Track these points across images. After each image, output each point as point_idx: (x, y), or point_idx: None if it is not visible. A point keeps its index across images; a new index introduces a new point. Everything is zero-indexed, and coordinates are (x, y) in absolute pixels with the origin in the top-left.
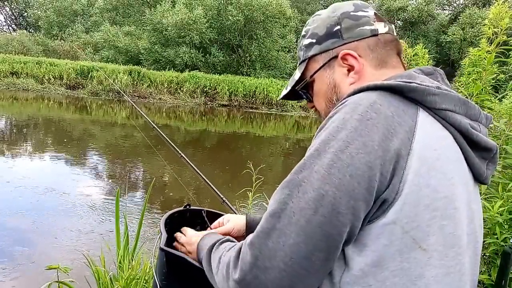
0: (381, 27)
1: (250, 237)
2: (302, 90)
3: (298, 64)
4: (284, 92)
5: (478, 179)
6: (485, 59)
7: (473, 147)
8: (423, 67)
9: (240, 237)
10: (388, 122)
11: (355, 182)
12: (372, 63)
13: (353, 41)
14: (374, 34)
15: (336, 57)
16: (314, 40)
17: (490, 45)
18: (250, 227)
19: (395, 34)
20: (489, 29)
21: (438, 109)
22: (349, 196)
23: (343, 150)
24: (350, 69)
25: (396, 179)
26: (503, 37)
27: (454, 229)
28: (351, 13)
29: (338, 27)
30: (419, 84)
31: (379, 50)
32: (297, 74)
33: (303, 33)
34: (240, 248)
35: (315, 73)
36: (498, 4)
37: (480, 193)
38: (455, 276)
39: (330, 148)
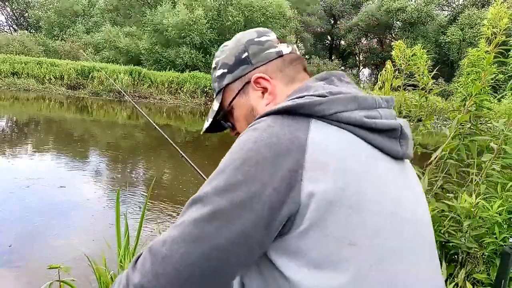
0: (285, 48)
1: (150, 243)
2: (224, 120)
3: (215, 96)
4: (206, 124)
5: (397, 157)
6: (484, 60)
7: (376, 132)
8: (318, 75)
9: None
10: (280, 141)
11: (250, 199)
12: (282, 81)
13: (262, 65)
14: (280, 55)
15: (249, 82)
16: (225, 70)
17: (489, 46)
18: None
19: (298, 52)
20: (488, 29)
21: (329, 115)
22: (242, 209)
23: (238, 168)
24: (264, 91)
25: (295, 193)
26: (502, 37)
27: (375, 218)
28: (256, 39)
29: (246, 54)
30: (306, 99)
31: (287, 68)
32: (215, 105)
33: (213, 65)
34: (141, 255)
35: (232, 100)
36: (497, 5)
37: (479, 193)
38: (388, 260)
39: (227, 166)
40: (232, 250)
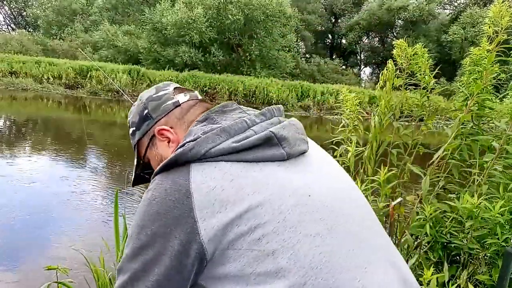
0: (182, 97)
1: None
2: (147, 172)
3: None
4: (131, 178)
5: (285, 159)
6: (486, 58)
7: (252, 150)
8: (199, 118)
9: None
10: (169, 194)
11: (157, 255)
12: (182, 128)
13: (162, 117)
14: (177, 105)
15: (154, 135)
16: (134, 128)
17: (491, 44)
18: None
19: (199, 97)
20: (489, 28)
21: (203, 155)
22: (155, 266)
23: (140, 232)
24: (168, 140)
25: (195, 234)
26: (503, 36)
27: (276, 218)
28: (154, 96)
29: (147, 110)
30: (181, 149)
31: (185, 116)
32: (135, 160)
33: (128, 124)
34: None
35: (145, 154)
36: (498, 3)
37: (481, 194)
38: (304, 246)
39: (133, 233)
40: None
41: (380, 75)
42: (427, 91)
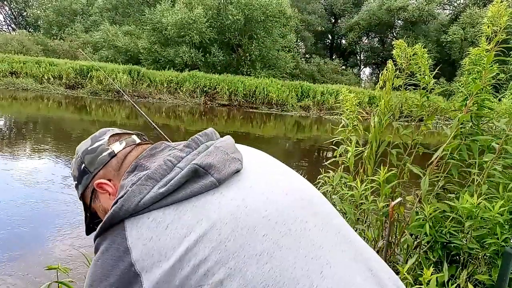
0: (117, 146)
1: None
2: (96, 222)
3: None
4: (84, 229)
5: (219, 184)
6: (485, 58)
7: (182, 188)
8: (129, 168)
9: None
10: (110, 254)
11: None
12: (119, 179)
13: (99, 171)
14: (112, 156)
15: (95, 189)
16: (76, 182)
17: (490, 44)
18: None
19: (136, 141)
20: (488, 28)
21: (133, 210)
22: None
23: None
24: (109, 193)
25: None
26: (502, 36)
27: (216, 249)
28: (89, 149)
29: (83, 165)
30: (112, 210)
31: (122, 166)
32: (83, 212)
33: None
34: None
35: (89, 207)
36: (497, 3)
37: (481, 193)
38: (252, 266)
39: None
40: None
41: (380, 75)
42: (427, 91)
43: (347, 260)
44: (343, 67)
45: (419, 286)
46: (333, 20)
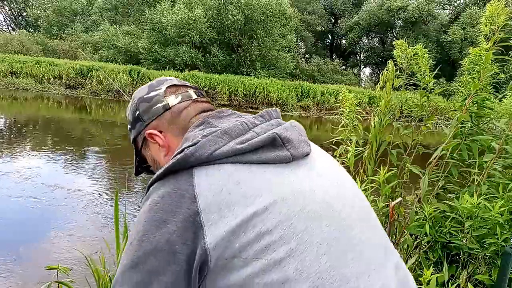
0: (172, 100)
1: None
2: (144, 166)
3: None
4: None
5: (290, 161)
6: (483, 57)
7: (256, 151)
8: (196, 122)
9: None
10: (172, 200)
11: (160, 261)
12: (173, 133)
13: (152, 121)
14: (166, 108)
15: (146, 138)
16: (130, 126)
17: (488, 43)
18: None
19: (193, 97)
20: (485, 27)
21: (206, 158)
22: (160, 275)
23: (142, 240)
24: (159, 144)
25: (201, 240)
26: (500, 35)
27: (282, 225)
28: (145, 96)
29: (138, 112)
30: (181, 154)
31: (176, 120)
32: (134, 154)
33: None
34: None
35: (139, 153)
36: (495, 2)
37: (481, 193)
38: (310, 255)
39: (133, 241)
40: None
41: (380, 75)
42: (427, 91)
43: (389, 269)
44: (343, 67)
45: (419, 286)
46: (333, 20)
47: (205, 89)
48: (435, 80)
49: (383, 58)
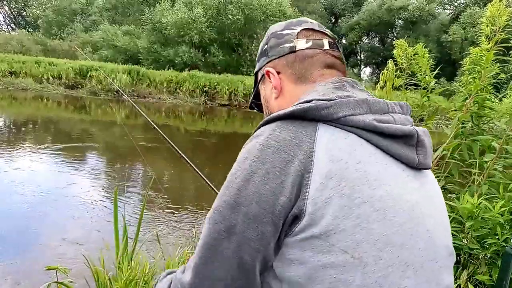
0: (301, 43)
1: (182, 268)
2: (257, 103)
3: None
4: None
5: (413, 165)
6: (484, 57)
7: (390, 138)
8: (331, 79)
9: None
10: (287, 147)
11: (261, 208)
12: (290, 78)
13: (275, 59)
14: (292, 50)
15: (264, 74)
16: (257, 58)
17: (488, 43)
18: None
19: (325, 47)
20: (487, 27)
21: (337, 119)
22: (257, 223)
23: (248, 179)
24: (273, 85)
25: (301, 198)
26: (501, 35)
27: (383, 230)
28: (278, 32)
29: (266, 46)
30: (312, 103)
31: (297, 65)
32: (253, 86)
33: None
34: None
35: (255, 87)
36: (496, 2)
37: (481, 194)
38: (396, 273)
39: (236, 178)
40: (254, 265)
41: (380, 75)
42: (428, 91)
43: None
44: None
45: None
46: (333, 20)
47: (205, 89)
48: (436, 80)
49: (384, 58)
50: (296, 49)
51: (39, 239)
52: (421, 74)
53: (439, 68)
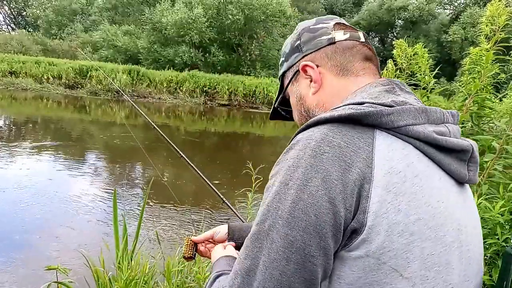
0: (340, 35)
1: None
2: (283, 108)
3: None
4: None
5: (462, 181)
6: (484, 57)
7: (445, 152)
8: (379, 80)
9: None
10: (344, 153)
11: (321, 221)
12: (332, 71)
13: (311, 52)
14: (331, 42)
15: (299, 70)
16: (283, 58)
17: (488, 43)
18: (232, 232)
19: (362, 39)
20: (486, 27)
21: (397, 127)
22: (318, 237)
23: (303, 190)
24: (311, 79)
25: (361, 211)
26: (500, 35)
27: (433, 248)
28: (311, 27)
29: (299, 41)
30: (370, 108)
31: (338, 57)
32: (277, 92)
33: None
34: None
35: (286, 88)
36: (495, 2)
37: (481, 194)
38: None
39: (289, 189)
40: (316, 282)
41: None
42: (427, 91)
43: None
44: None
45: None
46: None
47: (205, 89)
48: (435, 80)
49: (383, 58)
50: (335, 41)
51: (39, 239)
52: (420, 74)
53: (438, 68)
